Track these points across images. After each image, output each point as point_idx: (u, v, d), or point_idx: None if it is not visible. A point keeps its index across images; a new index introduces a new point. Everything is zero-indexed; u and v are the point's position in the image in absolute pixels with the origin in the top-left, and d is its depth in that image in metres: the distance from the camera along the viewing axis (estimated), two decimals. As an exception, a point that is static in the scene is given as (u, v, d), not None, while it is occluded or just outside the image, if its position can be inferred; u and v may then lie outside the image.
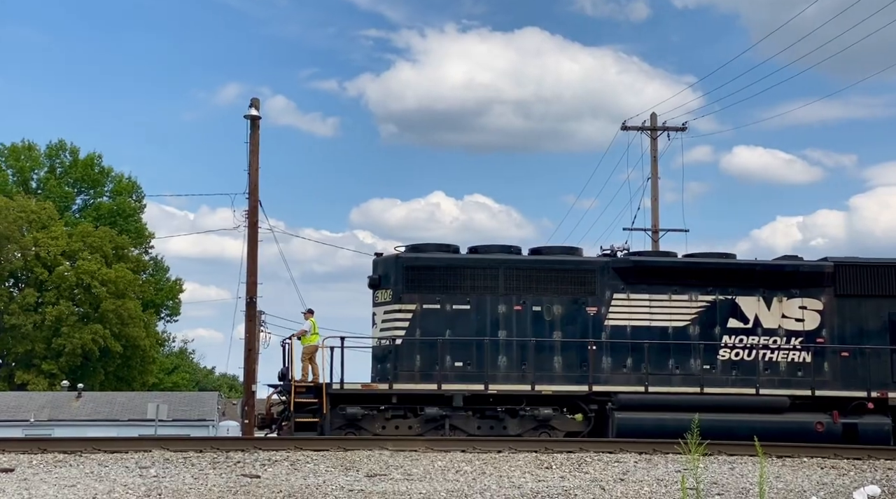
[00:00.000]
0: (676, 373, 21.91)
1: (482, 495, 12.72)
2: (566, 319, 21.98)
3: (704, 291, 22.31)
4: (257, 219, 27.98)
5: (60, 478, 13.60)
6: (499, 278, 21.94)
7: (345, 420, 20.65)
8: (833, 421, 21.36)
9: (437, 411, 20.83)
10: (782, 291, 22.38)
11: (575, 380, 21.47)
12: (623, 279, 22.20)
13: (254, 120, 28.37)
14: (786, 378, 22.02)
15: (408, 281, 21.82)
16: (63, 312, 54.69)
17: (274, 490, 12.78)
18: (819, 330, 22.35)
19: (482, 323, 21.78)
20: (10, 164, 63.77)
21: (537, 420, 21.04)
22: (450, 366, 21.43)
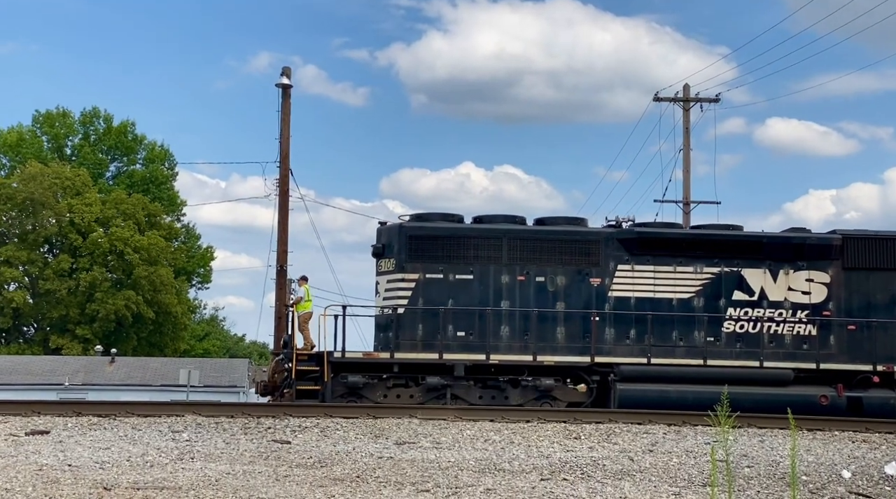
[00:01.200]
0: (680, 345, 21.80)
1: (510, 464, 12.79)
2: (570, 289, 21.91)
3: (710, 263, 22.14)
4: (288, 187, 28.11)
5: (95, 440, 13.80)
6: (502, 248, 21.87)
7: (346, 388, 20.69)
8: (837, 394, 21.22)
9: (439, 380, 20.82)
10: (789, 264, 22.22)
11: (577, 351, 21.44)
12: (627, 250, 22.07)
13: (285, 89, 28.42)
14: (791, 351, 21.90)
15: (411, 250, 21.77)
16: (97, 278, 55.24)
17: (304, 456, 12.90)
18: (826, 303, 22.18)
19: (485, 293, 21.73)
20: (45, 130, 64.28)
21: (539, 391, 21.02)
22: (452, 335, 21.43)
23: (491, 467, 12.48)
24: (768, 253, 22.25)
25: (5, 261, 55.68)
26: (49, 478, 10.31)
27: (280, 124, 28.26)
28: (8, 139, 62.78)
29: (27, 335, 59.97)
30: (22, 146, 62.39)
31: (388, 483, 10.79)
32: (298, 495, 9.65)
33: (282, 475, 11.14)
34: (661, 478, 12.02)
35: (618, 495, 10.45)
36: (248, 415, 17.06)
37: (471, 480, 11.25)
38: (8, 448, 12.80)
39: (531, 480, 11.46)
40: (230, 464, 11.99)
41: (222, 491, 9.78)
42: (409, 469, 11.95)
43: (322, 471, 11.65)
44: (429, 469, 12.00)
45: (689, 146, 35.30)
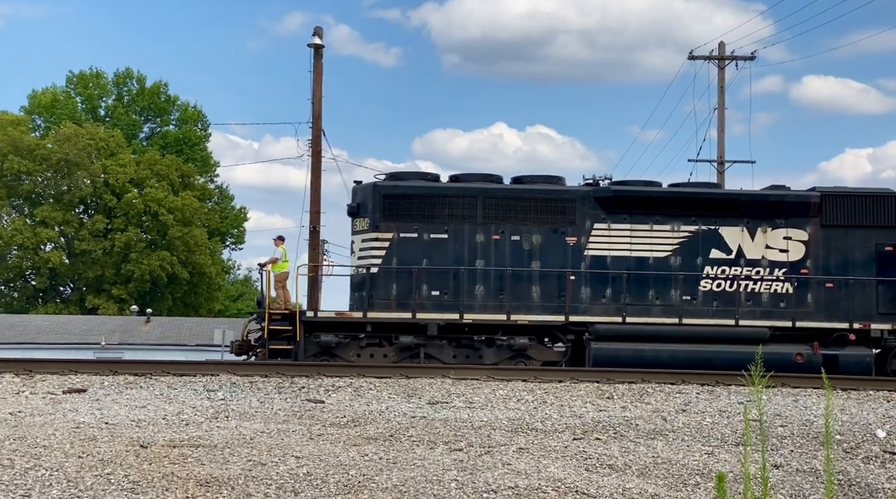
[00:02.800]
0: (657, 304, 21.71)
1: (543, 423, 12.81)
2: (545, 248, 21.78)
3: (687, 222, 21.99)
4: (320, 148, 28.09)
5: (131, 399, 13.96)
6: (477, 207, 21.74)
7: (319, 348, 20.73)
8: (813, 352, 21.14)
9: (412, 339, 20.82)
10: (767, 222, 22.05)
11: (553, 310, 21.36)
12: (604, 209, 21.92)
13: (317, 49, 28.31)
14: (768, 309, 21.79)
15: (385, 209, 21.67)
16: (131, 238, 55.71)
17: (338, 415, 12.98)
18: (803, 261, 22.03)
19: (460, 252, 21.65)
20: (79, 91, 64.61)
21: (513, 350, 21.03)
22: (426, 295, 21.39)
23: (523, 426, 12.50)
24: (746, 211, 22.07)
25: (41, 222, 56.25)
26: (86, 435, 10.44)
27: (312, 85, 28.19)
28: (43, 100, 63.18)
29: (64, 295, 60.73)
30: (56, 107, 62.79)
31: (421, 442, 10.84)
32: (332, 454, 9.72)
33: (315, 434, 11.22)
34: (693, 437, 12.00)
35: (650, 455, 10.44)
36: (282, 375, 17.19)
37: (503, 439, 11.28)
38: (46, 406, 12.98)
39: (564, 439, 11.48)
40: (264, 423, 12.10)
41: (257, 449, 9.87)
42: (441, 429, 12.00)
43: (355, 430, 11.73)
44: (461, 429, 12.04)
45: (724, 105, 34.99)
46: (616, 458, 10.18)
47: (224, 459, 9.26)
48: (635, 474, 9.37)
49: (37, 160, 55.76)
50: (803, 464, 10.29)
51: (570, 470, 9.35)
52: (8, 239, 55.57)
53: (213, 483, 8.05)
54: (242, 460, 9.24)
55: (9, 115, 59.05)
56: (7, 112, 59.95)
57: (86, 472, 8.33)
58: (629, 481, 8.96)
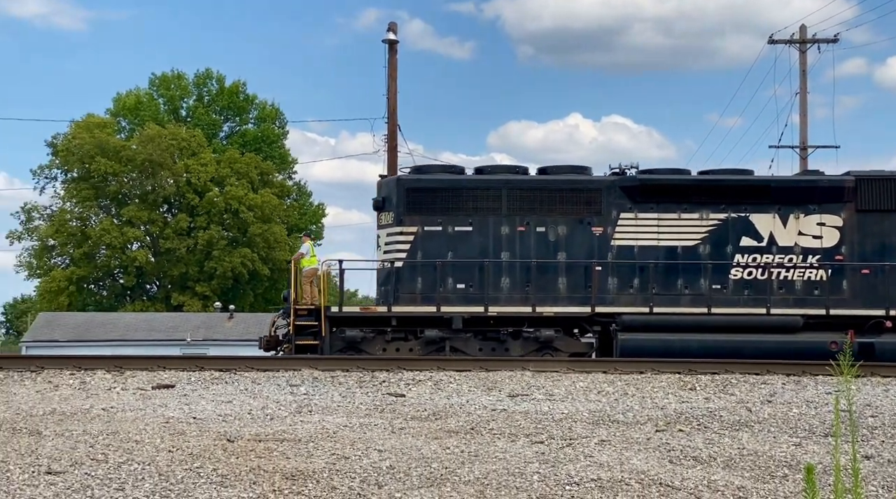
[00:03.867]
0: (686, 293, 21.35)
1: (624, 415, 12.73)
2: (571, 239, 21.53)
3: (716, 210, 21.55)
4: (396, 143, 28.24)
5: (217, 394, 14.24)
6: (501, 199, 21.55)
7: (344, 343, 20.69)
8: (849, 340, 20.59)
9: (437, 333, 20.70)
10: (799, 208, 21.50)
11: (579, 301, 21.12)
12: (630, 198, 21.60)
13: (392, 44, 28.46)
14: (801, 297, 21.27)
15: (409, 203, 21.58)
16: (213, 236, 56.70)
17: (419, 409, 13.07)
18: (838, 247, 21.45)
19: (484, 245, 21.49)
20: (161, 93, 65.92)
21: (539, 342, 20.82)
22: (451, 288, 21.27)
23: (605, 418, 12.45)
24: (777, 197, 21.58)
25: (128, 221, 57.56)
26: (175, 430, 10.68)
27: (387, 80, 28.37)
28: (127, 103, 64.60)
29: (150, 293, 62.07)
30: (140, 109, 64.15)
31: (502, 435, 10.86)
32: (414, 447, 9.79)
33: (397, 428, 11.32)
34: (780, 429, 11.81)
35: (736, 446, 10.31)
36: (363, 369, 17.34)
37: (585, 431, 11.25)
38: (137, 401, 13.30)
39: (646, 431, 11.40)
40: (347, 417, 12.23)
41: (340, 443, 9.99)
42: (522, 421, 12.00)
43: (436, 423, 11.80)
44: (542, 421, 12.03)
45: (806, 89, 34.32)
46: (700, 450, 10.07)
47: (308, 452, 9.40)
48: (720, 466, 9.27)
49: (122, 161, 57.05)
50: (895, 454, 10.07)
51: (654, 462, 9.29)
52: (97, 239, 56.98)
53: (298, 476, 8.18)
54: (326, 453, 9.37)
55: (95, 119, 60.50)
56: (94, 115, 61.45)
57: (176, 466, 8.52)
58: (714, 473, 8.87)
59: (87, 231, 57.95)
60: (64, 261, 60.32)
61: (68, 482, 7.79)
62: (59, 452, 9.13)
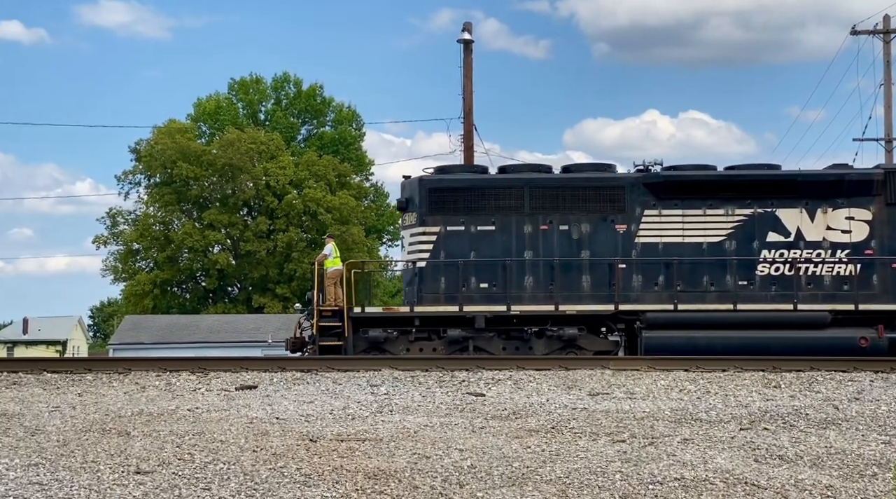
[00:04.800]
0: (712, 290, 21.03)
1: (707, 414, 12.58)
2: (594, 237, 21.33)
3: (742, 205, 21.23)
4: (472, 143, 28.29)
5: (299, 395, 14.41)
6: (524, 198, 21.41)
7: (368, 343, 20.70)
8: (878, 336, 20.11)
9: (460, 332, 20.64)
10: (827, 202, 21.08)
11: (603, 299, 20.94)
12: (654, 195, 21.34)
13: (467, 44, 28.51)
14: (830, 293, 20.82)
15: (431, 203, 21.52)
16: (292, 238, 57.36)
17: (499, 408, 13.07)
18: (868, 241, 20.99)
19: (507, 244, 21.36)
20: (240, 97, 66.90)
21: (563, 340, 20.69)
22: (475, 288, 21.17)
23: (687, 416, 12.31)
24: (804, 192, 21.18)
25: (209, 225, 58.53)
26: (259, 430, 10.84)
27: (463, 80, 28.42)
28: (207, 108, 65.69)
29: (232, 295, 63.03)
30: (220, 114, 65.18)
31: (583, 434, 10.81)
32: (495, 446, 9.80)
33: (478, 427, 11.33)
34: (868, 427, 11.56)
35: (823, 445, 10.12)
36: (443, 369, 17.40)
37: (667, 430, 11.14)
38: (221, 402, 13.53)
39: (730, 429, 11.24)
40: (427, 416, 12.29)
41: (421, 443, 10.04)
42: (603, 420, 11.93)
43: (517, 422, 11.78)
44: (623, 420, 11.95)
45: (891, 81, 33.48)
46: (786, 448, 9.91)
47: (390, 452, 9.47)
48: (807, 464, 9.11)
49: (203, 166, 58.02)
50: None
51: (738, 461, 9.16)
52: (179, 242, 58.04)
53: (380, 476, 8.24)
54: (408, 453, 9.42)
55: (177, 124, 61.63)
56: (175, 121, 62.59)
57: (260, 465, 8.65)
58: (801, 471, 8.72)
59: (169, 235, 59.06)
60: (148, 265, 61.56)
61: (156, 482, 7.96)
62: (147, 452, 9.34)
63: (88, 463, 8.67)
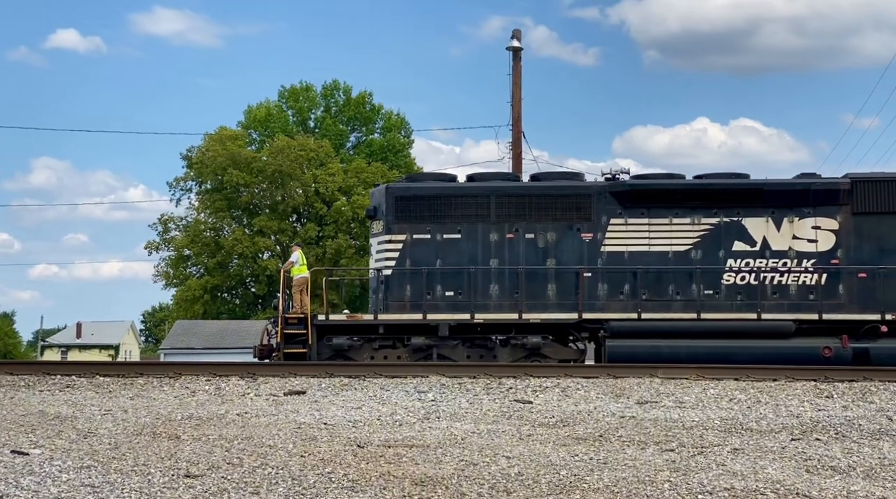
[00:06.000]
0: (677, 299, 21.01)
1: (758, 423, 12.43)
2: (561, 246, 21.36)
3: (708, 214, 21.21)
4: (521, 150, 28.25)
5: (347, 401, 14.47)
6: (490, 206, 21.46)
7: (332, 351, 20.78)
8: (842, 346, 19.95)
9: (424, 340, 20.67)
10: (793, 211, 21.05)
11: (569, 308, 20.93)
12: (620, 203, 21.34)
13: (516, 51, 28.50)
14: (796, 302, 20.76)
15: (398, 211, 21.61)
16: (341, 245, 57.68)
17: (546, 415, 13.03)
18: (834, 251, 20.94)
19: (473, 252, 21.40)
20: (290, 105, 67.46)
21: (527, 349, 20.67)
22: (440, 296, 21.25)
23: (737, 426, 12.18)
24: (771, 201, 21.14)
25: (259, 231, 59.04)
26: (307, 436, 10.90)
27: (511, 87, 28.41)
28: (257, 115, 66.33)
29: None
30: (270, 121, 65.78)
31: (631, 442, 10.73)
32: (542, 454, 9.76)
33: (525, 434, 11.30)
34: (923, 439, 11.35)
35: (876, 456, 9.96)
36: (490, 376, 17.38)
37: (717, 439, 11.03)
38: (270, 407, 13.63)
39: (781, 439, 11.10)
40: (475, 423, 12.28)
41: (468, 449, 10.03)
42: (652, 429, 11.84)
43: (564, 430, 11.74)
44: (672, 429, 11.85)
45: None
46: (839, 459, 9.76)
47: (437, 459, 9.47)
48: (860, 476, 8.96)
49: (253, 172, 58.57)
50: None
51: (790, 472, 9.04)
52: (230, 248, 58.63)
53: (427, 482, 8.24)
54: (455, 459, 9.42)
55: (228, 131, 62.30)
56: (226, 128, 63.28)
57: (308, 471, 8.70)
58: (854, 483, 8.58)
59: (220, 241, 59.68)
60: (199, 270, 62.24)
61: (206, 485, 8.03)
62: (196, 456, 9.43)
63: (139, 466, 8.77)
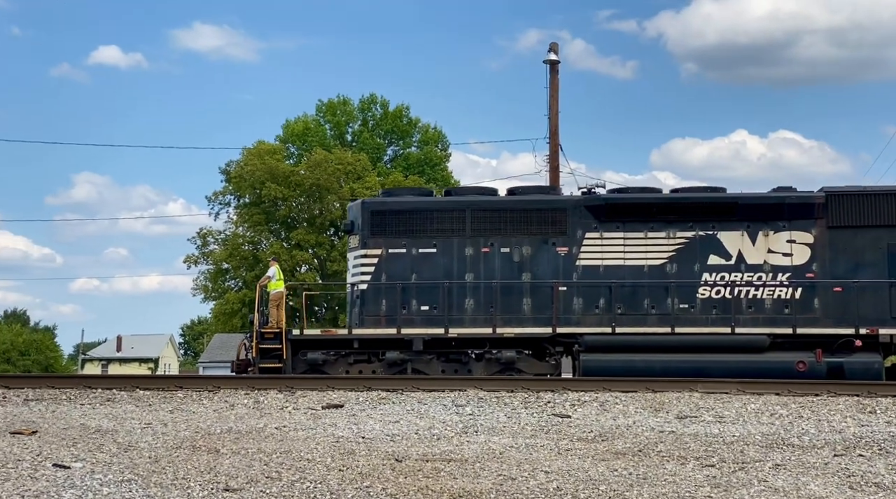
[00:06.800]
0: (653, 313, 20.97)
1: (800, 438, 12.29)
2: (536, 260, 21.36)
3: (683, 228, 21.23)
4: (558, 163, 28.20)
5: (384, 414, 14.47)
6: (465, 220, 21.50)
7: (307, 365, 20.77)
8: (816, 360, 19.87)
9: (399, 355, 20.62)
10: (768, 225, 21.06)
11: (543, 322, 20.85)
12: (596, 217, 21.37)
13: (553, 64, 28.49)
14: (771, 316, 20.73)
15: (373, 226, 21.70)
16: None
17: (585, 430, 12.96)
18: (809, 264, 20.92)
19: (449, 266, 21.44)
20: (328, 119, 67.79)
21: (501, 363, 20.58)
22: (415, 310, 21.28)
23: (779, 441, 12.05)
24: (745, 214, 21.14)
25: (297, 244, 59.32)
26: (345, 449, 10.91)
27: (549, 100, 28.39)
28: (295, 129, 66.71)
29: (319, 315, 63.71)
30: (308, 135, 66.13)
31: (671, 458, 10.65)
32: (581, 469, 9.71)
33: (563, 449, 11.24)
34: (969, 455, 11.16)
35: (921, 474, 9.80)
36: (528, 390, 17.33)
37: (758, 455, 10.91)
38: (308, 421, 13.66)
39: (823, 455, 10.97)
40: (513, 437, 12.23)
41: (506, 464, 9.99)
42: (692, 443, 11.75)
43: (603, 445, 11.67)
44: (712, 444, 11.74)
45: None
46: (882, 476, 9.62)
47: (475, 473, 9.44)
48: (904, 493, 8.83)
49: (291, 186, 58.86)
50: None
51: (833, 488, 8.93)
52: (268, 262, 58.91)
53: (466, 497, 8.22)
54: (493, 474, 9.39)
55: (265, 145, 62.67)
56: (264, 142, 63.68)
57: (347, 485, 8.70)
58: (898, 501, 8.46)
59: (258, 254, 60.00)
60: (237, 284, 62.60)
61: (245, 499, 8.06)
62: (235, 469, 9.47)
63: (179, 480, 8.82)
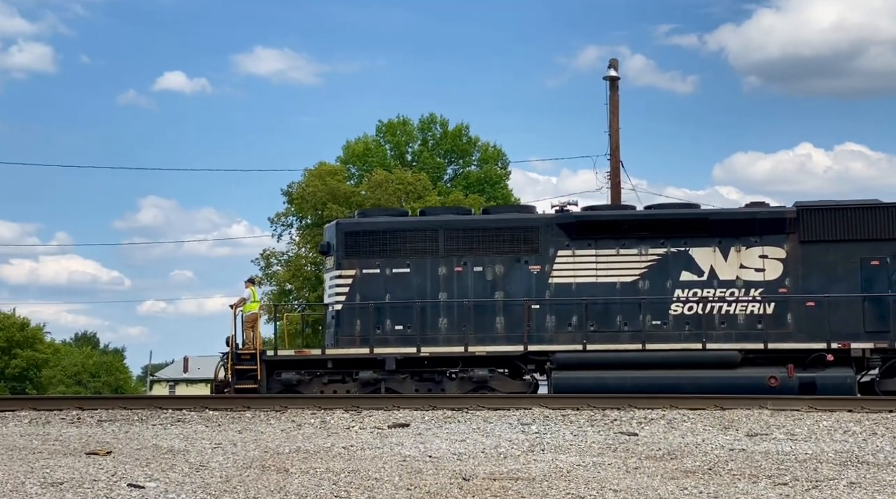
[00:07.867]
0: (625, 330, 20.78)
1: (875, 456, 12.06)
2: (509, 278, 21.30)
3: (655, 244, 21.02)
4: (619, 180, 28.11)
5: (451, 433, 14.48)
6: (439, 240, 21.49)
7: (282, 386, 20.77)
8: (788, 375, 19.46)
9: (372, 374, 20.58)
10: (740, 241, 20.84)
11: (516, 340, 20.70)
12: (568, 235, 21.21)
13: (613, 81, 28.43)
14: (744, 332, 20.45)
15: (347, 246, 21.74)
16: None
17: (653, 448, 12.84)
18: (781, 280, 20.64)
19: (422, 286, 21.44)
20: (388, 139, 68.22)
21: (474, 381, 20.46)
22: (389, 330, 21.27)
23: (853, 459, 11.83)
24: (717, 230, 20.95)
25: (359, 265, 59.67)
26: (412, 468, 10.94)
27: (609, 117, 28.31)
28: (356, 150, 67.20)
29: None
30: (368, 155, 66.57)
31: (742, 476, 10.51)
32: (650, 488, 9.62)
33: (631, 467, 11.16)
34: None
35: None
36: (594, 407, 17.24)
37: (832, 473, 10.73)
38: (374, 440, 13.72)
39: (899, 474, 10.74)
40: (580, 456, 12.17)
41: (574, 482, 9.94)
42: (763, 461, 11.58)
43: (672, 463, 11.55)
44: (785, 462, 11.57)
45: None
46: (962, 494, 9.40)
47: (543, 492, 9.41)
48: None
49: (352, 207, 59.25)
50: None
51: (910, 507, 8.74)
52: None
53: (535, 516, 8.19)
54: (561, 492, 9.34)
55: (327, 166, 63.17)
56: (325, 163, 64.22)
57: (415, 504, 8.72)
58: (979, 519, 8.25)
59: (320, 275, 60.47)
60: (300, 305, 63.12)
61: (315, 518, 8.12)
62: (305, 488, 9.54)
63: (250, 499, 8.92)
